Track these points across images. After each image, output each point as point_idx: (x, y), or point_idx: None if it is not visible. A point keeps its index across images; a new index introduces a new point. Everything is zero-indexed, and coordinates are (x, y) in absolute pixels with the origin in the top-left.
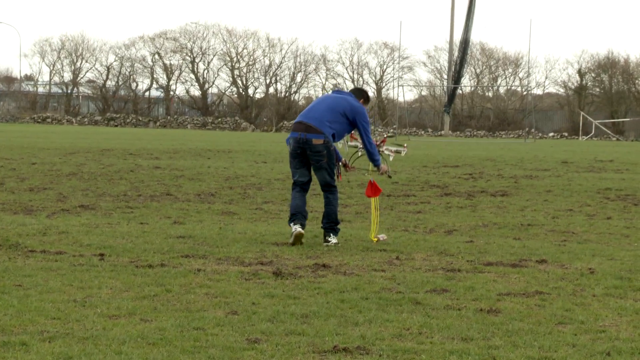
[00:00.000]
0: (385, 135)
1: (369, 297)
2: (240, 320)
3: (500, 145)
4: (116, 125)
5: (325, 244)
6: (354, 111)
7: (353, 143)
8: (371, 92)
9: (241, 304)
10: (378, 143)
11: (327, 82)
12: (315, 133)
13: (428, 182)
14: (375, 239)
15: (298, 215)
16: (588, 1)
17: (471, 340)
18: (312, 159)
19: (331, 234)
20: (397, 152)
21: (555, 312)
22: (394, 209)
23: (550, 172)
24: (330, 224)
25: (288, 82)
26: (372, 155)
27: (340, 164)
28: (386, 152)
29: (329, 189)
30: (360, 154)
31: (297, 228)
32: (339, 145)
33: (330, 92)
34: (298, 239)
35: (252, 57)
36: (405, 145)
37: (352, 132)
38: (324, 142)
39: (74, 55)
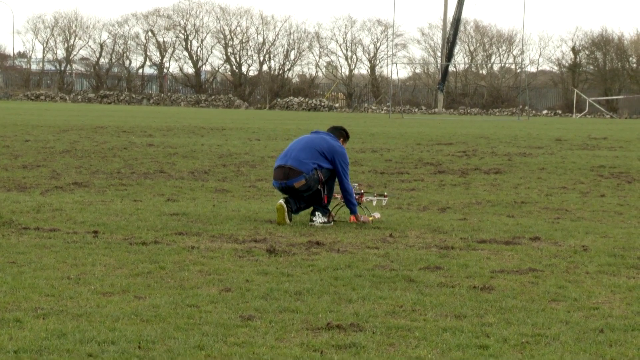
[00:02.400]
0: (362, 191)
1: (362, 274)
2: (233, 297)
3: (494, 122)
4: (109, 103)
5: (310, 222)
6: (332, 151)
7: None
8: (365, 69)
9: (235, 281)
10: (357, 198)
11: (320, 60)
12: (295, 177)
13: (422, 159)
14: (371, 218)
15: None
16: None
17: (464, 317)
18: (299, 196)
19: (317, 212)
20: (379, 201)
21: (548, 289)
22: (387, 186)
23: (543, 149)
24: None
25: (281, 60)
26: (349, 200)
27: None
28: (368, 200)
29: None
30: (342, 204)
31: (279, 201)
32: None
33: (308, 134)
34: (279, 211)
35: (245, 35)
36: (385, 194)
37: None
38: (306, 181)
39: (67, 32)
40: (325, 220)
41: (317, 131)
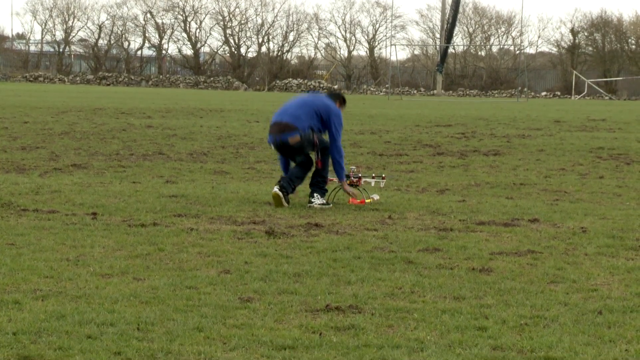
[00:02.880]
0: (360, 175)
1: (361, 256)
2: (232, 279)
3: (492, 104)
4: (108, 84)
5: (308, 205)
6: (328, 110)
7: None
8: (363, 51)
9: (234, 263)
10: (355, 182)
11: (319, 42)
12: (290, 131)
13: (420, 141)
14: (369, 200)
15: (283, 178)
16: None
17: (463, 299)
18: (292, 157)
19: (316, 194)
20: (377, 182)
21: (547, 271)
22: (386, 168)
23: (542, 131)
24: (317, 179)
25: (280, 41)
26: (338, 162)
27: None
28: (366, 182)
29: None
30: (339, 188)
31: (274, 188)
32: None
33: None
34: (275, 199)
35: (244, 16)
36: (383, 176)
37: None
38: (300, 138)
39: (65, 13)
40: (324, 201)
41: (314, 91)
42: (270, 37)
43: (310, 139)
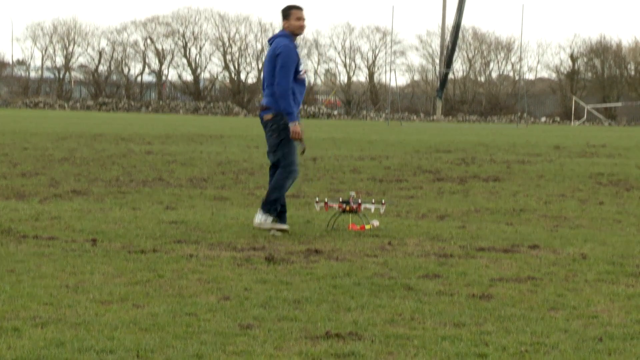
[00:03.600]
0: (359, 201)
1: (361, 282)
2: (232, 305)
3: (492, 130)
4: (108, 110)
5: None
6: (274, 55)
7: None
8: (363, 76)
9: (233, 290)
10: (354, 207)
11: (319, 67)
12: (265, 109)
13: (420, 167)
14: (369, 226)
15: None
16: None
17: (463, 325)
18: (266, 137)
19: (260, 210)
20: (377, 208)
21: (547, 297)
22: (386, 193)
23: (542, 157)
24: (266, 198)
25: None
26: (279, 100)
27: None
28: (365, 208)
29: (281, 165)
30: (338, 214)
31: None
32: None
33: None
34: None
35: (244, 42)
36: (383, 202)
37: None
38: (273, 116)
39: (66, 39)
40: (262, 220)
41: (273, 36)
42: None
43: (282, 124)
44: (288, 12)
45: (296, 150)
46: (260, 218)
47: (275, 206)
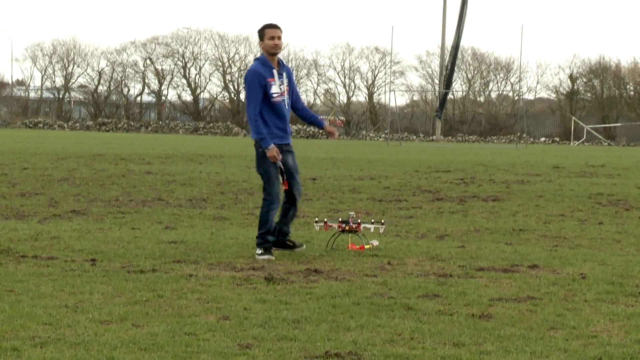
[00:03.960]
0: (359, 221)
1: (360, 302)
2: (232, 325)
3: (491, 150)
4: (108, 131)
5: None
6: None
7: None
8: (362, 96)
9: (233, 309)
10: (353, 227)
11: (318, 87)
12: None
13: (420, 187)
14: (368, 245)
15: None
16: (579, 6)
17: (463, 345)
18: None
19: (256, 245)
20: (377, 228)
21: (546, 317)
22: (385, 214)
23: (541, 177)
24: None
25: None
26: (251, 128)
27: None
28: (365, 227)
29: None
30: (338, 234)
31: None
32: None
33: None
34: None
35: (243, 62)
36: (383, 222)
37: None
38: (254, 145)
39: (65, 60)
40: (260, 251)
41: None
42: None
43: (258, 151)
44: (262, 32)
45: (276, 179)
46: (256, 252)
47: (264, 239)
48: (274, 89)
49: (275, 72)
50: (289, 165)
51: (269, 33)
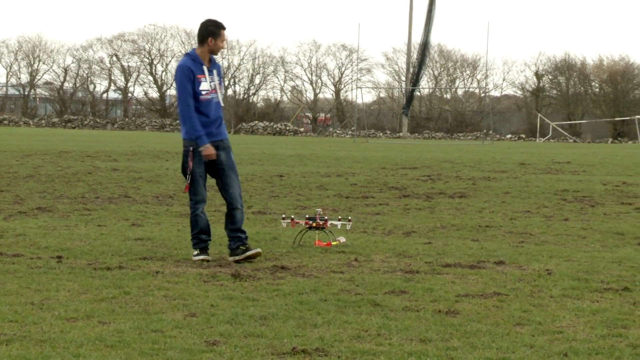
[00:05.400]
0: (326, 217)
1: (327, 298)
2: (198, 322)
3: (458, 147)
4: (74, 127)
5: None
6: None
7: None
8: (329, 93)
9: (200, 306)
10: (320, 224)
11: (285, 84)
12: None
13: (386, 183)
14: (335, 242)
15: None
16: (545, 4)
17: (429, 341)
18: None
19: (192, 246)
20: (344, 225)
21: (513, 313)
22: (352, 210)
23: (508, 173)
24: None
25: (246, 84)
26: (182, 126)
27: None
28: (332, 224)
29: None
30: (305, 230)
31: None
32: None
33: None
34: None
35: None
36: (349, 219)
37: None
38: (183, 142)
39: (31, 56)
40: (196, 252)
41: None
42: (237, 79)
43: (184, 151)
44: (217, 32)
45: (200, 178)
46: (192, 254)
47: (198, 239)
48: (203, 86)
49: (205, 68)
50: (223, 163)
51: (224, 35)
